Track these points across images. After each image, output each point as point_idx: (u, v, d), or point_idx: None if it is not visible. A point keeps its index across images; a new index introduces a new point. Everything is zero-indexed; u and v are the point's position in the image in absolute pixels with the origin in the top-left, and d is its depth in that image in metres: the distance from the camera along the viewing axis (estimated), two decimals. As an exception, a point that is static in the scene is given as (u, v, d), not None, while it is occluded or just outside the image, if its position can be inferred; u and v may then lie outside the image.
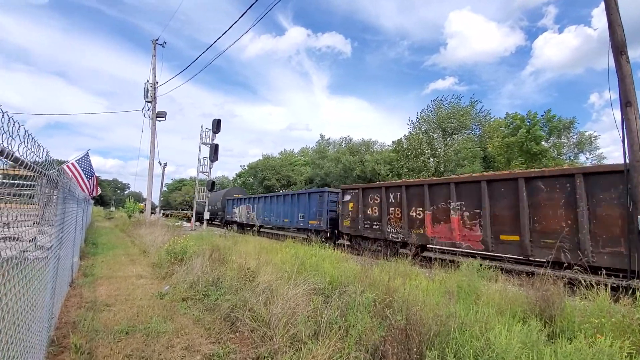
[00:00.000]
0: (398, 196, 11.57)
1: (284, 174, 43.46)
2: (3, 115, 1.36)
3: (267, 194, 21.49)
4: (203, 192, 24.71)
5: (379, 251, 11.53)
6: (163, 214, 37.80)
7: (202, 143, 23.39)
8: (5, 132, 1.41)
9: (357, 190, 13.31)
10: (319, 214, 15.75)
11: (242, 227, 24.26)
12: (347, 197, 13.80)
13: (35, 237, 2.80)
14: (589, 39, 65.95)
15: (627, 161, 6.24)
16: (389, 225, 11.82)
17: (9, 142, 1.51)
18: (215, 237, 11.88)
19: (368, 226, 12.65)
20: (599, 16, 67.43)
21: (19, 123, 1.57)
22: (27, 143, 1.84)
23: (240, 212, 24.32)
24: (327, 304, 4.11)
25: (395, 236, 11.54)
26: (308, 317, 3.80)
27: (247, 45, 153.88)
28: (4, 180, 2.14)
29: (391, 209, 11.81)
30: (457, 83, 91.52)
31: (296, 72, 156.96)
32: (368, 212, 12.73)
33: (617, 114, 6.40)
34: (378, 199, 12.31)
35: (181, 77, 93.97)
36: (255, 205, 22.10)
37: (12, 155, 1.52)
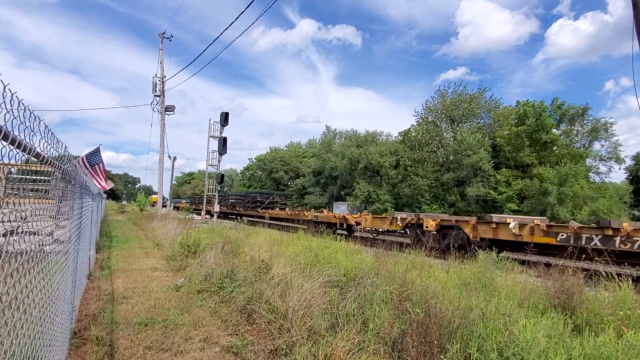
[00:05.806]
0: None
1: (292, 165, 43.45)
2: (25, 111, 1.33)
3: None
4: (212, 185, 24.88)
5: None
6: (174, 207, 38.18)
7: (211, 136, 23.44)
8: (27, 127, 1.38)
9: None
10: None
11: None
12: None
13: (52, 231, 2.82)
14: (605, 25, 63.65)
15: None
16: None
17: (31, 137, 1.49)
18: (226, 230, 11.99)
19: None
20: (615, 2, 65.09)
21: (39, 118, 1.55)
22: (47, 138, 1.83)
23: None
24: (342, 296, 4.10)
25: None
26: (324, 309, 3.80)
27: (258, 39, 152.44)
28: (22, 176, 2.15)
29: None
30: (468, 73, 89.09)
31: (305, 65, 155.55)
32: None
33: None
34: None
35: (190, 71, 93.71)
36: None
37: (33, 151, 1.50)
